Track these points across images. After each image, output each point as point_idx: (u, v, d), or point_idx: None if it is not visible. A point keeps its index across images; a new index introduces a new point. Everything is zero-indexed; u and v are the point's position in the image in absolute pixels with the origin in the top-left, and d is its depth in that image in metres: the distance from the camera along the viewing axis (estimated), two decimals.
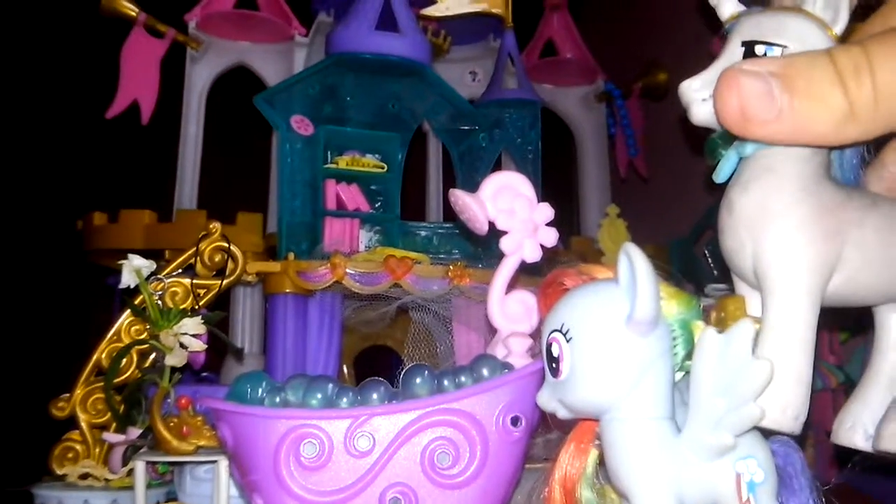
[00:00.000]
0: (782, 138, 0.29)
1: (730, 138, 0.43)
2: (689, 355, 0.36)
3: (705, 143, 0.46)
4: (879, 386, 0.43)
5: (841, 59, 0.27)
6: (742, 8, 0.45)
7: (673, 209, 1.23)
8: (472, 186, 0.58)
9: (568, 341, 0.34)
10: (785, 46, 0.40)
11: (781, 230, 0.39)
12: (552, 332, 0.35)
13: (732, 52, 0.42)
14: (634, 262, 0.33)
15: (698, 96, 0.43)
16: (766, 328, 0.37)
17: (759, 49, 0.40)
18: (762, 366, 0.32)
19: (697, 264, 1.02)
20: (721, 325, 0.38)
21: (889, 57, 0.26)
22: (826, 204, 0.38)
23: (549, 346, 0.35)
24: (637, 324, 0.33)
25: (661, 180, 1.29)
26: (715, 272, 1.00)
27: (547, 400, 0.36)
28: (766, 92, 0.28)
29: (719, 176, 0.43)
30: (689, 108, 0.43)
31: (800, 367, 0.37)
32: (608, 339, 0.34)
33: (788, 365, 0.36)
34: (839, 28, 0.41)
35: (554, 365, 0.35)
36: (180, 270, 0.78)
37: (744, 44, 0.42)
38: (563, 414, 0.36)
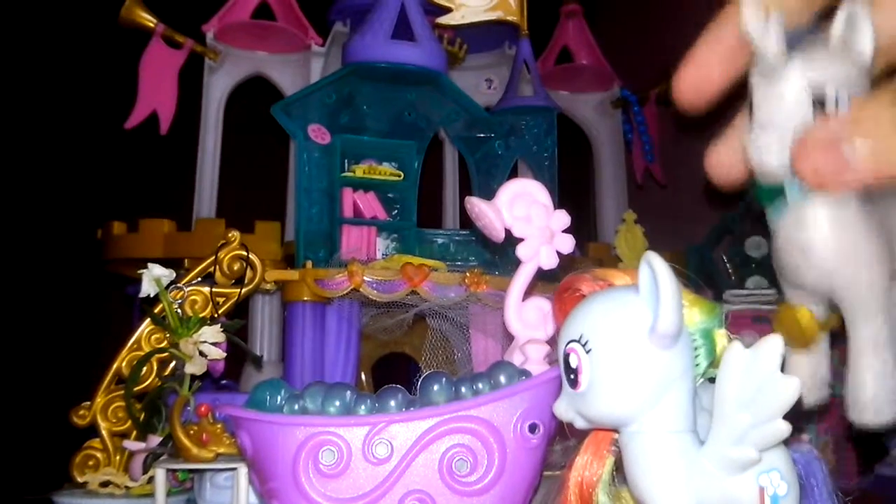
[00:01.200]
0: (861, 184, 0.31)
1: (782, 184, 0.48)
2: (711, 364, 0.35)
3: (756, 188, 0.51)
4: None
5: None
6: (783, 46, 0.48)
7: (690, 215, 1.22)
8: (489, 194, 0.58)
9: (587, 353, 0.33)
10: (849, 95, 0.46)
11: (865, 265, 0.47)
12: (570, 342, 0.34)
13: (797, 97, 0.46)
14: (657, 272, 0.32)
15: (773, 150, 0.47)
16: (864, 342, 0.45)
17: (829, 91, 0.45)
18: (789, 382, 0.31)
19: (715, 270, 1.01)
20: (793, 335, 0.45)
21: None
22: (876, 223, 0.47)
23: (566, 356, 0.34)
24: (660, 337, 0.32)
25: (677, 186, 1.29)
26: (732, 277, 0.99)
27: (564, 411, 0.35)
28: (838, 157, 0.30)
29: (775, 218, 0.49)
30: (758, 163, 0.47)
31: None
32: (630, 352, 0.33)
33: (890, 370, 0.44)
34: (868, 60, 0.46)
35: (572, 376, 0.34)
36: (200, 279, 0.78)
37: (809, 90, 0.45)
38: (580, 424, 0.35)
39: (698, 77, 0.33)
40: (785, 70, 0.48)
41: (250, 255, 0.79)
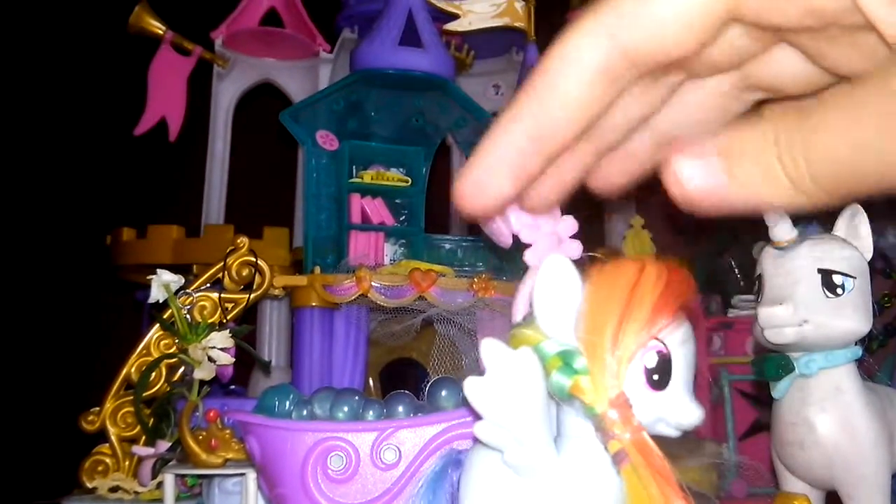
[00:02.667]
0: (733, 209, 0.26)
1: (785, 360, 0.51)
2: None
3: (759, 362, 0.54)
4: None
5: (780, 137, 0.23)
6: (795, 233, 0.51)
7: (698, 220, 1.22)
8: None
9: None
10: (855, 278, 0.50)
11: (868, 447, 0.52)
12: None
13: (809, 278, 0.50)
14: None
15: (792, 322, 0.50)
16: None
17: (836, 279, 0.49)
18: None
19: (723, 275, 1.01)
20: None
21: (813, 128, 0.23)
22: (878, 409, 0.51)
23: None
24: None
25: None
26: (742, 283, 0.99)
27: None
28: (712, 172, 0.25)
29: (779, 392, 0.52)
30: (769, 336, 0.51)
31: None
32: None
33: None
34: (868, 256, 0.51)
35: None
36: (208, 285, 0.79)
37: (821, 271, 0.49)
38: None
39: (484, 184, 0.27)
40: (797, 250, 0.52)
41: (259, 261, 0.79)
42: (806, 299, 0.52)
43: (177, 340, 0.73)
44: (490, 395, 0.29)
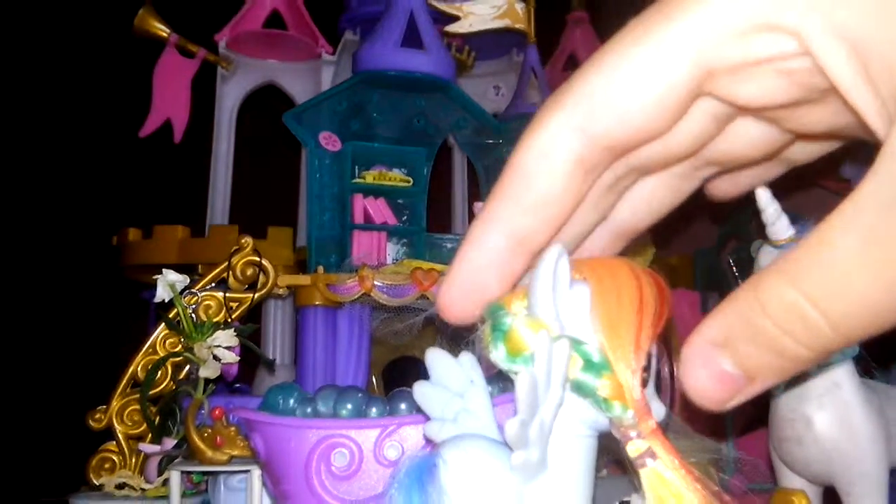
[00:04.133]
0: (764, 390, 0.24)
1: None
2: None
3: None
4: None
5: (773, 307, 0.21)
6: (792, 230, 0.51)
7: (697, 219, 1.23)
8: None
9: None
10: None
11: (866, 443, 0.52)
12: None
13: None
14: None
15: None
16: None
17: None
18: None
19: (722, 274, 1.01)
20: None
21: (824, 274, 0.20)
22: (876, 405, 0.52)
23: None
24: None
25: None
26: (740, 281, 1.00)
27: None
28: (720, 373, 0.23)
29: (776, 389, 0.53)
30: None
31: None
32: None
33: None
34: None
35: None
36: (213, 284, 0.79)
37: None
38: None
39: (470, 291, 0.27)
40: (792, 248, 0.52)
41: (263, 261, 0.80)
42: None
43: (182, 339, 0.74)
44: (533, 390, 0.27)
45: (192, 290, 0.76)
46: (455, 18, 0.93)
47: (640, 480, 0.27)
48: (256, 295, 0.79)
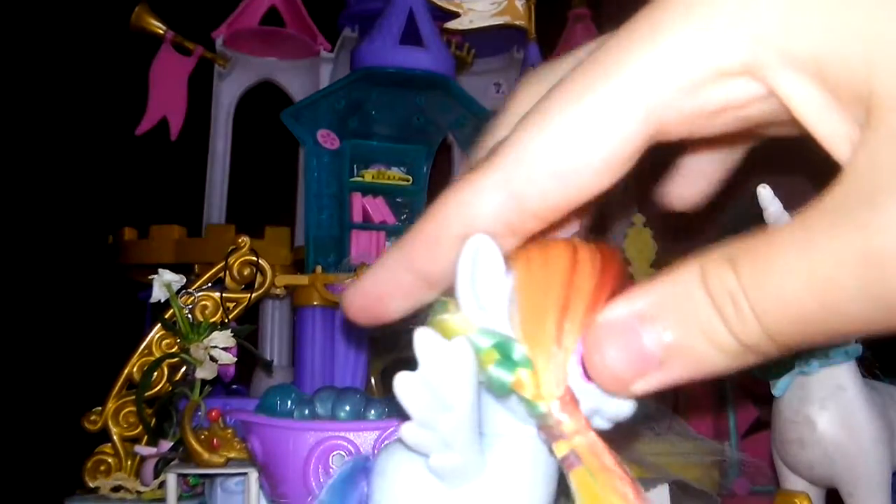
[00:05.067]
0: (674, 382, 0.22)
1: (785, 358, 0.51)
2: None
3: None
4: None
5: (714, 285, 0.20)
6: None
7: (699, 217, 1.22)
8: None
9: None
10: None
11: (869, 444, 0.51)
12: None
13: None
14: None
15: None
16: None
17: None
18: None
19: None
20: None
21: (764, 271, 0.19)
22: (879, 406, 0.51)
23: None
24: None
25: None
26: None
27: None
28: (637, 349, 0.21)
29: (779, 390, 0.52)
30: None
31: None
32: None
33: None
34: None
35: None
36: (210, 284, 0.79)
37: None
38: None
39: (373, 302, 0.27)
40: None
41: (260, 261, 0.79)
42: None
43: (178, 340, 0.73)
44: (424, 393, 0.26)
45: (189, 290, 0.76)
46: (455, 15, 0.92)
47: (570, 482, 0.25)
48: (254, 295, 0.79)
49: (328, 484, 0.30)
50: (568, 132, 0.21)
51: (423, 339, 0.26)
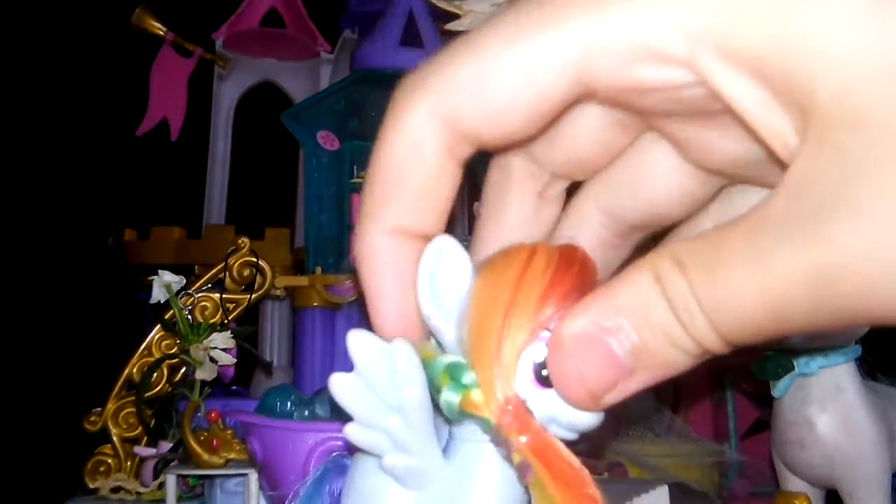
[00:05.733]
0: (640, 389, 0.22)
1: (785, 359, 0.51)
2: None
3: (759, 361, 0.55)
4: None
5: (668, 290, 0.20)
6: None
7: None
8: None
9: None
10: None
11: (868, 446, 0.52)
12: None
13: None
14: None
15: None
16: None
17: None
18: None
19: None
20: None
21: (713, 283, 0.19)
22: (879, 408, 0.52)
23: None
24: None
25: None
26: None
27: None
28: (607, 356, 0.21)
29: (779, 391, 0.52)
30: None
31: None
32: None
33: None
34: None
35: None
36: (210, 285, 0.79)
37: None
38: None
39: (402, 320, 0.26)
40: None
41: (260, 262, 0.79)
42: None
43: (178, 341, 0.73)
44: (362, 393, 0.26)
45: (189, 291, 0.76)
46: (455, 16, 0.92)
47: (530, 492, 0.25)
48: (253, 296, 0.79)
49: (305, 484, 0.30)
50: (498, 72, 0.21)
51: (356, 340, 0.26)
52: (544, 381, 0.25)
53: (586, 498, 0.23)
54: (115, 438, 0.75)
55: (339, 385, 0.26)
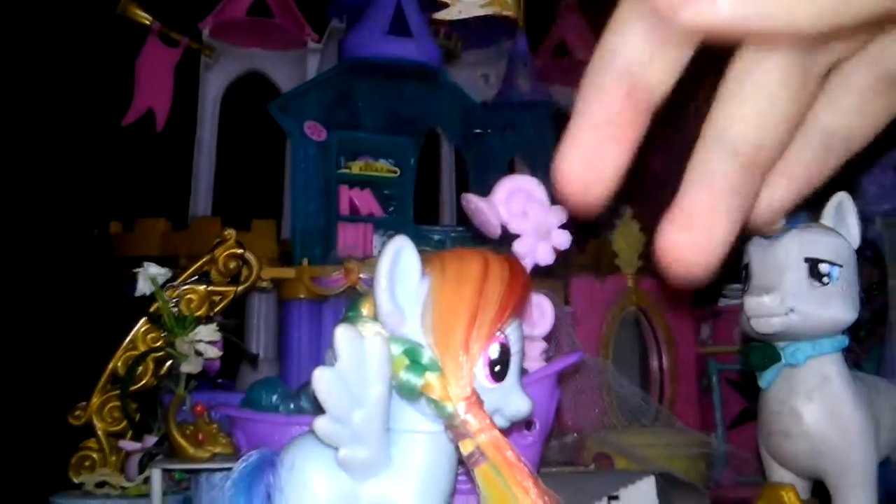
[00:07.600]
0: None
1: (772, 349, 0.51)
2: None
3: (745, 351, 0.55)
4: None
5: None
6: (782, 221, 0.51)
7: None
8: (485, 190, 0.58)
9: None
10: (841, 266, 0.50)
11: (855, 436, 0.51)
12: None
13: (796, 266, 0.50)
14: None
15: (779, 311, 0.50)
16: None
17: (823, 268, 0.49)
18: None
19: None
20: None
21: None
22: (865, 398, 0.51)
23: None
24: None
25: (677, 180, 1.28)
26: (729, 273, 0.99)
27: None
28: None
29: (765, 382, 0.52)
30: (756, 325, 0.50)
31: None
32: None
33: None
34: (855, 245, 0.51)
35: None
36: (195, 277, 0.78)
37: (807, 260, 0.49)
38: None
39: (584, 169, 0.21)
40: (783, 239, 0.52)
41: (246, 254, 0.79)
42: (792, 288, 0.51)
43: (164, 334, 0.73)
44: (339, 388, 0.28)
45: (174, 283, 0.75)
46: (443, 5, 0.91)
47: (475, 479, 0.27)
48: (240, 288, 0.78)
49: (232, 478, 0.31)
50: None
51: (342, 335, 0.28)
52: (496, 376, 0.30)
53: (533, 484, 0.26)
54: (99, 433, 0.75)
55: (321, 380, 0.28)
